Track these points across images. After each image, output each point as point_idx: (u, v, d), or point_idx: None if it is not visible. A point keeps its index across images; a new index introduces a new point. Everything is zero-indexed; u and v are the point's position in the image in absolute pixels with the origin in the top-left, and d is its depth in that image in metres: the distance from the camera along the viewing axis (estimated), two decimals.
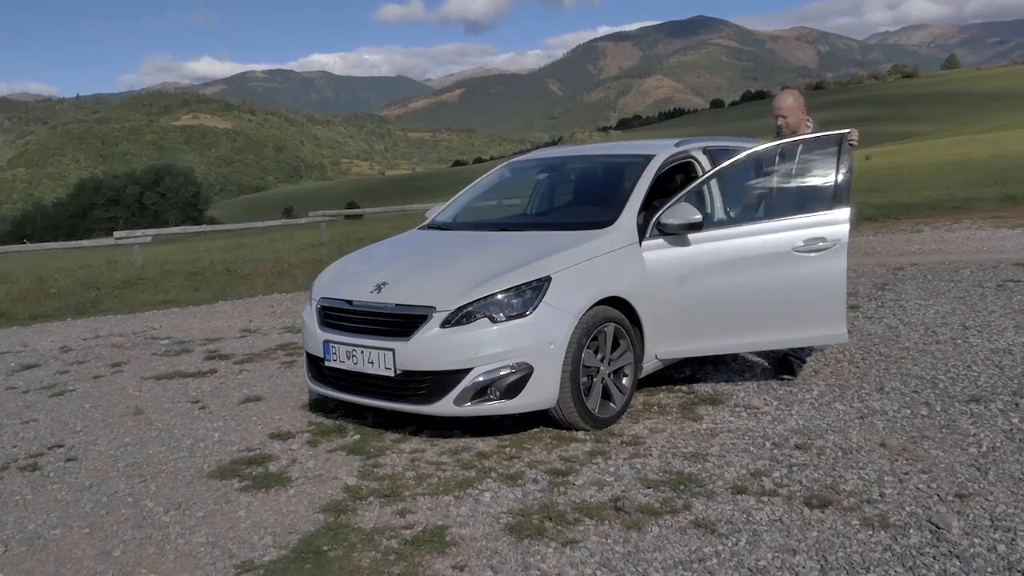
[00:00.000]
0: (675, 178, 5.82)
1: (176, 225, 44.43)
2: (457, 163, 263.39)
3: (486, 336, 4.30)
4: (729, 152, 5.93)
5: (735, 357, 5.98)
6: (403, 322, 4.45)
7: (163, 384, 6.32)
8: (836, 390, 5.11)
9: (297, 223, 19.01)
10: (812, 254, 4.79)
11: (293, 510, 3.81)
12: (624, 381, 4.77)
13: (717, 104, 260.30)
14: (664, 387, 5.38)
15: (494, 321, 4.33)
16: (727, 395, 5.16)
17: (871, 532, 3.29)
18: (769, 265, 4.83)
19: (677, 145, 5.63)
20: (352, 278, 5.01)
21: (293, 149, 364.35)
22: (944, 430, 4.34)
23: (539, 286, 4.41)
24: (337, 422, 5.03)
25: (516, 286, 4.39)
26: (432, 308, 4.38)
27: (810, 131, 5.36)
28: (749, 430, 4.51)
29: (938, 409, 4.65)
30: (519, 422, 4.73)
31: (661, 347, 4.98)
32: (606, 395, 4.67)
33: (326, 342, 4.73)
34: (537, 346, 4.32)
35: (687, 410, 4.92)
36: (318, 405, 5.41)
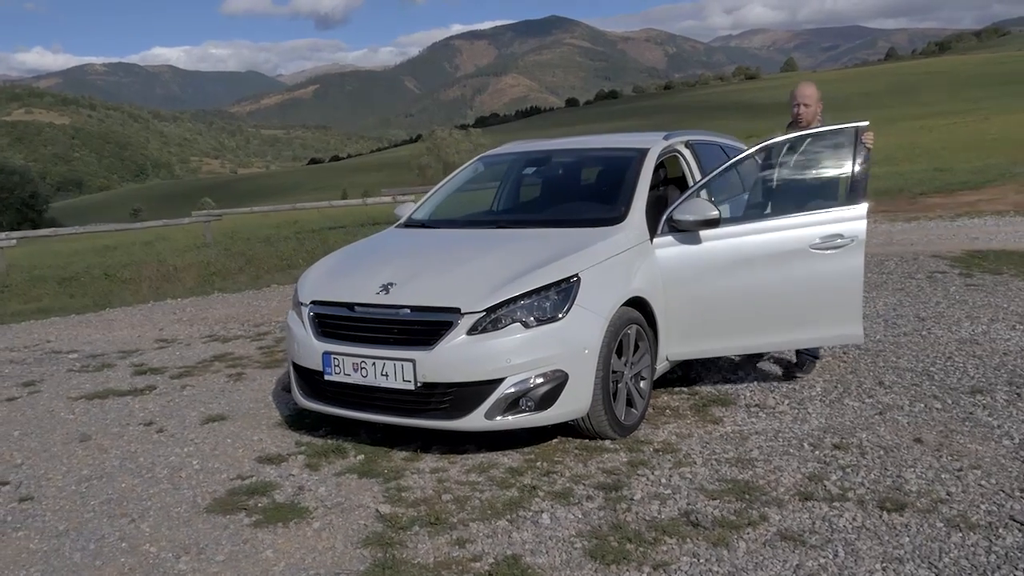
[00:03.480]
0: (659, 173, 5.65)
1: (13, 229, 41.06)
2: (313, 161, 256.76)
3: (518, 342, 3.96)
4: (711, 147, 5.82)
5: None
6: (423, 329, 4.04)
7: (99, 404, 5.61)
8: (838, 386, 5.06)
9: (179, 223, 17.82)
10: (829, 251, 4.58)
11: (329, 546, 3.37)
12: (642, 385, 4.54)
13: (572, 103, 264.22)
14: (663, 389, 5.19)
15: (526, 326, 3.99)
16: (733, 395, 5.03)
17: (962, 535, 3.19)
18: (785, 263, 4.62)
19: (665, 138, 5.42)
20: (348, 279, 4.54)
21: (138, 147, 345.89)
22: (967, 423, 4.34)
23: (568, 287, 4.11)
24: (329, 441, 4.56)
25: (545, 286, 4.07)
26: (457, 310, 4.00)
27: (821, 125, 5.25)
28: (777, 431, 4.38)
29: (949, 402, 4.66)
30: (535, 433, 4.42)
31: (673, 348, 4.78)
32: (628, 401, 4.43)
33: (326, 354, 4.25)
34: (572, 352, 4.02)
35: (701, 412, 4.74)
36: (297, 422, 4.91)
